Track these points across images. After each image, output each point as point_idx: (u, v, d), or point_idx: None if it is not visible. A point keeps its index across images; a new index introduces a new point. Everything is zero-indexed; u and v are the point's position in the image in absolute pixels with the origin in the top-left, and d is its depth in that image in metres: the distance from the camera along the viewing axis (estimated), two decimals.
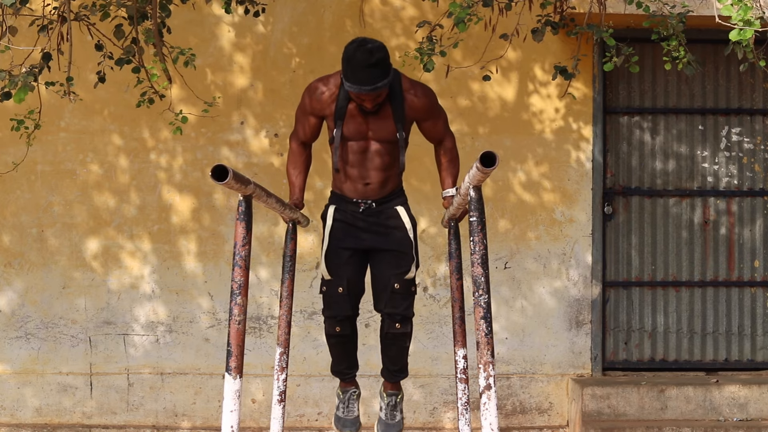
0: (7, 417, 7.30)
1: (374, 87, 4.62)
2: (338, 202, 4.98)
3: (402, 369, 5.15)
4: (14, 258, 7.30)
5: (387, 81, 4.65)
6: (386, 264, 4.92)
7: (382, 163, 4.89)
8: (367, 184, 4.91)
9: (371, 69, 4.59)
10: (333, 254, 4.91)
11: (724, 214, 7.55)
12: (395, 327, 4.94)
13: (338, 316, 4.93)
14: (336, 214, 4.96)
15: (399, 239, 4.92)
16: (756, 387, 7.10)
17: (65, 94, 5.83)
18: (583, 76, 7.32)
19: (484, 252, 3.69)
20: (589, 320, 7.40)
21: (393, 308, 4.92)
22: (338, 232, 4.93)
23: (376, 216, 4.93)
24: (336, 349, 5.06)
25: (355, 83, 4.62)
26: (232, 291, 3.84)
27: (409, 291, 4.93)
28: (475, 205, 3.69)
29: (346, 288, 4.90)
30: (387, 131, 4.84)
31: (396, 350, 5.06)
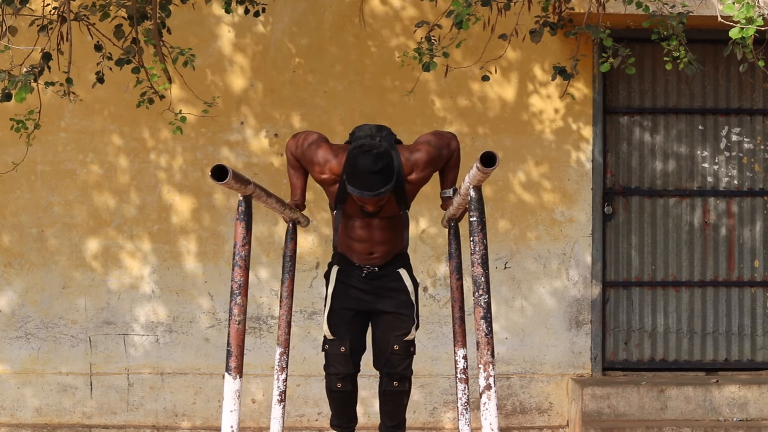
0: (7, 417, 7.30)
1: (377, 193, 4.61)
2: (341, 264, 5.02)
3: (399, 425, 5.19)
4: (14, 258, 7.30)
5: (390, 186, 4.64)
6: (386, 326, 4.98)
7: (386, 236, 4.95)
8: (371, 254, 4.97)
9: (374, 177, 4.58)
10: (335, 314, 4.97)
11: (724, 214, 7.55)
12: (393, 385, 5.02)
13: (340, 374, 4.98)
14: (339, 275, 5.01)
15: (400, 302, 4.98)
16: (756, 387, 7.10)
17: (65, 94, 5.83)
18: (583, 76, 7.32)
19: (484, 252, 3.69)
20: (589, 320, 7.40)
21: (391, 368, 4.99)
22: (341, 293, 4.99)
23: (379, 279, 5.00)
24: (337, 403, 5.10)
25: (358, 188, 4.61)
26: (232, 291, 3.84)
27: (408, 352, 5.00)
28: (475, 205, 3.69)
29: (348, 347, 4.96)
30: (390, 211, 4.88)
31: (393, 407, 5.11)
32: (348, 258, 5.00)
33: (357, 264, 4.98)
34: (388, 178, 4.63)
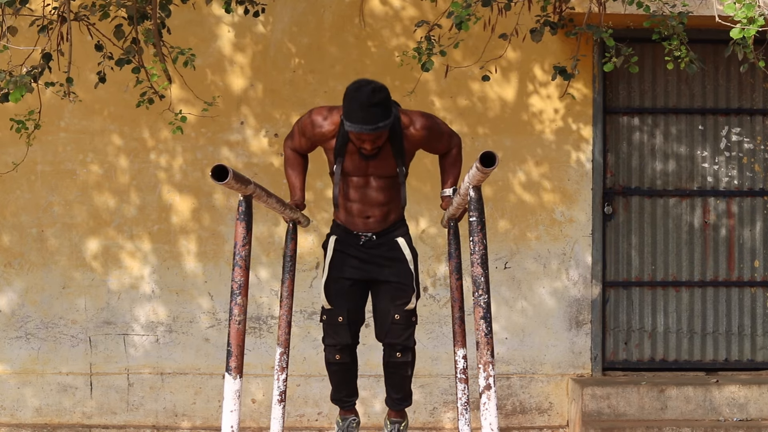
0: (7, 417, 7.30)
1: (375, 128, 4.60)
2: (339, 233, 4.99)
3: (405, 397, 5.16)
4: (14, 258, 7.30)
5: (388, 122, 4.63)
6: (386, 296, 4.94)
7: (383, 197, 4.91)
8: (368, 218, 4.93)
9: (372, 109, 4.58)
10: (333, 284, 4.94)
11: (724, 215, 7.55)
12: (396, 356, 4.97)
13: (338, 345, 4.95)
14: (337, 244, 4.98)
15: (399, 271, 4.94)
16: (756, 387, 7.10)
17: (65, 94, 5.83)
18: (583, 76, 7.32)
19: (483, 252, 3.69)
20: (589, 320, 7.40)
21: (393, 338, 4.94)
22: (339, 263, 4.95)
23: (377, 248, 4.95)
24: (336, 376, 5.09)
25: (355, 123, 4.60)
26: (232, 291, 3.84)
27: (409, 321, 4.96)
28: (475, 205, 3.69)
29: (346, 317, 4.92)
30: (387, 168, 4.85)
31: (398, 379, 5.08)
32: (346, 227, 4.96)
33: (355, 232, 4.94)
34: (386, 113, 4.62)
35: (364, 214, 4.92)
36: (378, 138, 4.69)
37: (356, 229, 4.95)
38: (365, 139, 4.67)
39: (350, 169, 4.85)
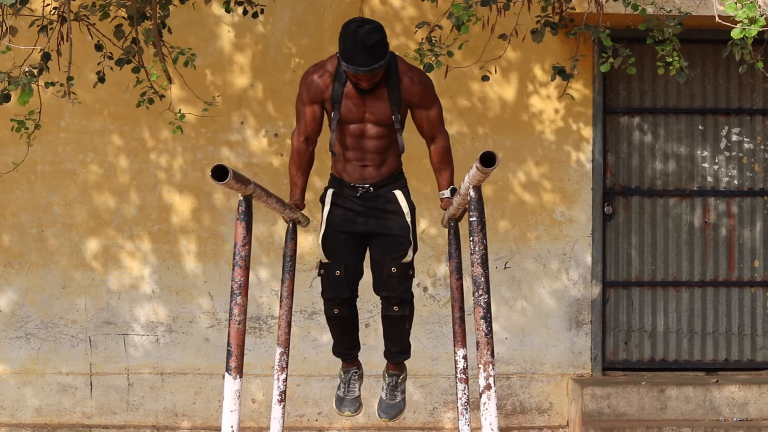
0: (7, 417, 7.30)
1: (371, 68, 4.61)
2: (336, 186, 4.99)
3: (403, 350, 5.17)
4: (14, 258, 7.30)
5: (384, 62, 4.64)
6: (383, 248, 4.93)
7: (379, 145, 4.89)
8: (364, 167, 4.92)
9: (369, 50, 4.58)
10: (331, 237, 4.93)
11: (724, 215, 7.55)
12: (393, 310, 4.96)
13: (336, 299, 4.96)
14: (334, 198, 4.97)
15: (397, 223, 4.93)
16: (756, 387, 7.10)
17: (65, 94, 5.83)
18: (583, 76, 7.32)
19: (484, 252, 3.69)
20: (589, 320, 7.40)
21: (390, 291, 4.93)
22: (336, 216, 4.95)
23: (374, 200, 4.94)
24: (336, 329, 5.10)
25: (352, 64, 4.61)
26: (232, 291, 3.84)
27: (406, 275, 4.94)
28: (475, 205, 3.69)
29: (343, 271, 4.92)
30: (383, 113, 4.84)
31: (396, 332, 5.08)
32: (342, 179, 4.96)
33: (351, 183, 4.93)
34: (383, 53, 4.62)
35: (361, 162, 4.91)
36: (374, 76, 4.70)
37: (353, 180, 4.93)
38: (361, 77, 4.68)
39: (347, 116, 4.84)
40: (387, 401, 5.24)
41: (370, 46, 4.59)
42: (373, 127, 4.86)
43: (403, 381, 5.26)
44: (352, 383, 5.26)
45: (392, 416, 5.24)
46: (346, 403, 5.24)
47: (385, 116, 4.84)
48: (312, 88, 4.86)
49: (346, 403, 5.23)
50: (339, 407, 5.26)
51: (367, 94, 4.80)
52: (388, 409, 5.23)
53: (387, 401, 5.24)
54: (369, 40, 4.59)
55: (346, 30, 4.66)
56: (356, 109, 4.83)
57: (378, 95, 4.81)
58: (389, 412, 5.23)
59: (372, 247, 4.99)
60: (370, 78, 4.69)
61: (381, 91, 4.80)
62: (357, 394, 5.25)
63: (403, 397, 5.26)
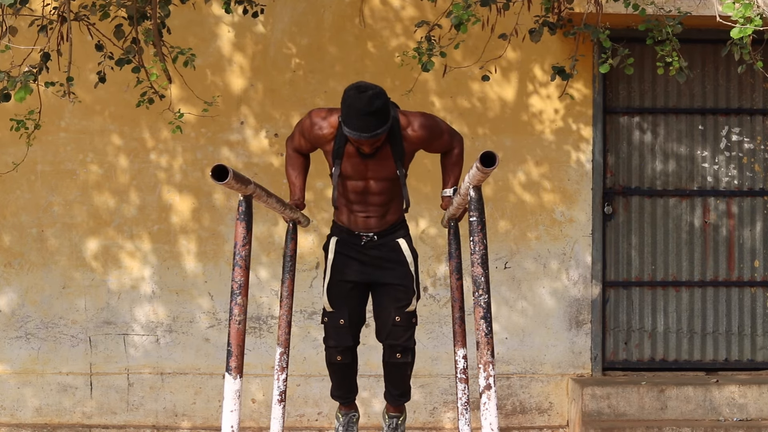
0: (7, 417, 7.30)
1: (373, 134, 4.60)
2: (340, 234, 5.00)
3: (404, 393, 5.19)
4: (14, 258, 7.30)
5: (386, 127, 4.63)
6: (387, 297, 4.96)
7: (383, 199, 4.92)
8: (368, 217, 4.94)
9: (370, 116, 4.58)
10: (335, 287, 4.95)
11: (724, 215, 7.55)
12: (396, 357, 5.00)
13: (340, 346, 4.98)
14: (338, 246, 4.98)
15: (400, 273, 4.96)
16: (756, 387, 7.10)
17: (65, 94, 5.83)
18: (582, 76, 7.32)
19: (484, 252, 3.69)
20: (589, 320, 7.40)
21: (394, 340, 4.97)
22: (340, 265, 4.96)
23: (378, 249, 4.96)
24: (337, 375, 5.12)
25: (353, 130, 4.60)
26: (232, 291, 3.84)
27: (410, 323, 4.98)
28: (475, 205, 3.69)
29: (347, 320, 4.94)
30: (386, 171, 4.85)
31: (398, 377, 5.11)
32: (346, 227, 4.97)
33: (356, 232, 4.95)
34: (384, 118, 4.62)
35: (364, 214, 4.93)
36: (376, 141, 4.70)
37: (357, 229, 4.96)
38: (363, 143, 4.68)
39: (349, 172, 4.85)
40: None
41: (371, 113, 4.58)
42: (377, 184, 4.87)
43: (403, 422, 5.27)
44: (351, 426, 5.28)
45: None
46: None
47: (390, 173, 4.85)
48: (315, 134, 4.86)
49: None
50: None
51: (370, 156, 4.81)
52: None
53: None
54: (371, 107, 4.58)
55: (348, 96, 4.64)
56: (358, 167, 4.83)
57: (381, 154, 4.81)
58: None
59: (375, 295, 5.01)
60: (372, 143, 4.69)
61: (384, 150, 4.80)
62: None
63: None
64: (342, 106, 4.66)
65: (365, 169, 4.83)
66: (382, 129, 4.61)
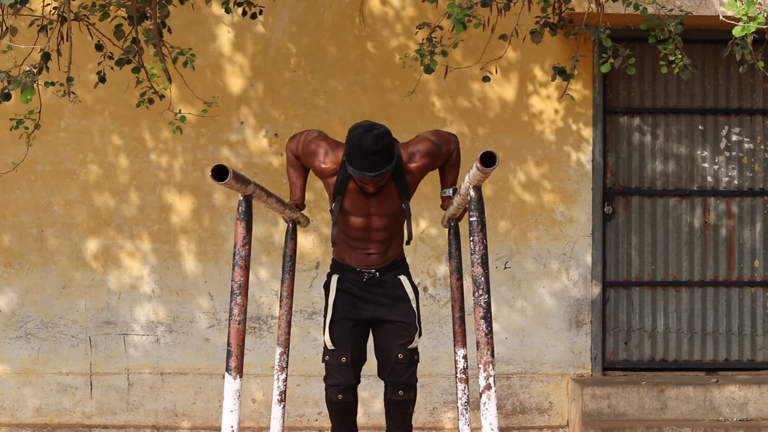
0: (7, 417, 7.30)
1: (378, 173, 4.61)
2: (341, 272, 4.98)
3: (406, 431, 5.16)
4: (14, 258, 7.30)
5: (390, 167, 4.64)
6: (390, 335, 4.95)
7: (385, 235, 4.92)
8: (369, 254, 4.94)
9: (376, 156, 4.59)
10: (337, 325, 4.92)
11: (724, 215, 7.55)
12: (398, 394, 4.97)
13: (341, 385, 4.93)
14: (339, 284, 4.97)
15: (402, 310, 4.95)
16: (756, 387, 7.10)
17: (65, 94, 5.83)
18: (582, 76, 7.32)
19: (484, 252, 3.69)
20: (589, 320, 7.40)
21: (396, 377, 4.95)
22: (342, 302, 4.94)
23: (380, 286, 4.95)
24: (337, 415, 5.05)
25: (358, 170, 4.61)
26: (232, 291, 3.84)
27: (412, 360, 4.97)
28: (475, 205, 3.69)
29: (349, 358, 4.91)
30: (391, 207, 4.85)
31: (400, 415, 5.08)
32: (346, 264, 4.96)
33: (356, 269, 4.94)
34: (389, 158, 4.62)
35: (365, 251, 4.93)
36: (381, 180, 4.71)
37: (358, 266, 4.94)
38: (368, 182, 4.69)
39: (350, 209, 4.85)
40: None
41: (377, 152, 4.59)
42: (380, 220, 4.87)
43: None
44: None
45: None
46: None
47: (394, 208, 4.85)
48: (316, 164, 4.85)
49: None
50: None
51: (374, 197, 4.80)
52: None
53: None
54: (376, 146, 4.59)
55: (353, 135, 4.64)
56: (360, 203, 4.83)
57: (385, 191, 4.81)
58: None
59: (377, 332, 4.99)
60: (377, 182, 4.70)
61: (388, 187, 4.80)
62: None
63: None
64: (347, 146, 4.66)
65: (368, 205, 4.83)
66: (387, 168, 4.62)
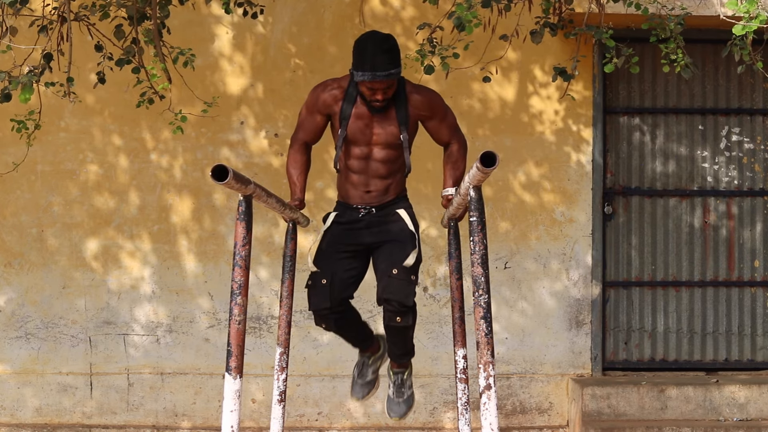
0: (7, 417, 7.30)
1: (389, 73, 4.65)
2: (340, 209, 4.99)
3: (407, 352, 5.12)
4: (14, 258, 7.30)
5: (399, 70, 4.69)
6: (385, 253, 4.90)
7: (385, 170, 4.91)
8: (368, 192, 4.92)
9: (385, 55, 4.64)
10: (325, 249, 4.92)
11: (724, 215, 7.55)
12: (396, 321, 4.86)
13: (320, 309, 4.88)
14: (336, 217, 4.98)
15: (397, 231, 4.91)
16: (756, 387, 7.10)
17: (65, 94, 5.83)
18: (582, 76, 7.32)
19: (484, 252, 3.69)
20: (589, 320, 7.40)
21: (390, 294, 4.79)
22: (335, 230, 4.94)
23: (377, 221, 4.94)
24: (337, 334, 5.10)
25: (368, 71, 4.64)
26: (232, 291, 3.84)
27: (408, 279, 4.84)
28: (475, 205, 3.69)
29: (329, 280, 4.85)
30: (391, 134, 4.84)
31: (400, 340, 5.03)
32: (346, 203, 4.96)
33: (354, 205, 4.93)
34: (396, 60, 4.68)
35: (366, 187, 4.91)
36: (389, 87, 4.72)
37: (356, 203, 4.93)
38: (377, 88, 4.71)
39: (354, 136, 4.85)
40: (396, 399, 5.19)
41: (387, 50, 4.65)
42: (381, 150, 4.87)
43: (409, 376, 5.21)
44: (365, 368, 5.25)
45: (402, 413, 5.20)
46: (356, 388, 5.24)
47: (394, 137, 4.85)
48: (321, 99, 4.89)
49: (356, 389, 5.24)
50: (352, 393, 5.29)
51: (378, 113, 4.80)
52: (397, 407, 5.19)
53: (396, 399, 5.19)
54: (386, 45, 4.66)
55: (360, 40, 4.73)
56: (365, 129, 4.84)
57: (386, 115, 4.83)
58: (399, 410, 5.19)
59: (374, 257, 4.96)
60: (386, 87, 4.71)
61: (390, 112, 4.83)
62: (369, 378, 5.20)
63: (411, 392, 5.23)
64: (354, 54, 4.72)
65: (370, 133, 4.84)
66: (395, 69, 4.66)
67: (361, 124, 4.83)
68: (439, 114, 4.92)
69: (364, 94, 4.75)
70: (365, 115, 4.82)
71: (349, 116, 4.82)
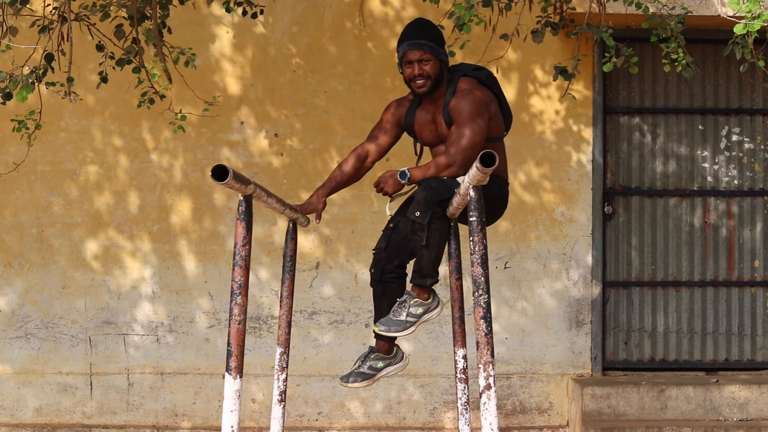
0: (7, 417, 7.30)
1: (417, 43, 4.77)
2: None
3: (420, 271, 4.83)
4: (14, 258, 7.30)
5: (433, 46, 4.79)
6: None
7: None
8: None
9: (419, 29, 4.82)
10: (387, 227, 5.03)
11: (724, 215, 7.55)
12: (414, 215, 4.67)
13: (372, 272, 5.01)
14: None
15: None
16: (756, 387, 7.10)
17: (66, 94, 5.83)
18: (583, 76, 7.32)
19: (483, 252, 3.69)
20: (589, 320, 7.40)
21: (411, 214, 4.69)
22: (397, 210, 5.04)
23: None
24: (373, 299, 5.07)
25: (405, 40, 4.82)
26: (232, 291, 3.85)
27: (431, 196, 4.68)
28: (475, 205, 3.69)
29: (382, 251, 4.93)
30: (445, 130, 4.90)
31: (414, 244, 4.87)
32: None
33: None
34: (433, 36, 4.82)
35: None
36: (424, 63, 4.79)
37: None
38: (412, 59, 4.80)
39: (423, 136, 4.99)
40: (389, 316, 4.86)
41: (422, 25, 4.85)
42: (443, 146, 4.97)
43: (416, 305, 4.84)
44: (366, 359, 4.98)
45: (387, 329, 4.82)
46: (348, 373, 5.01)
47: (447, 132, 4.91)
48: (391, 108, 5.08)
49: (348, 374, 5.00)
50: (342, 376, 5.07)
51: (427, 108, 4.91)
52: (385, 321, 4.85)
53: (389, 316, 4.86)
54: (422, 21, 4.88)
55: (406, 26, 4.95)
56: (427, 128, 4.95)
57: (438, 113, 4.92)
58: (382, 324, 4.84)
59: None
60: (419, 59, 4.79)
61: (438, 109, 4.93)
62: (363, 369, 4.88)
63: (408, 321, 4.84)
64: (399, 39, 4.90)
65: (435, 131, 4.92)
66: (425, 41, 4.78)
67: (423, 123, 4.95)
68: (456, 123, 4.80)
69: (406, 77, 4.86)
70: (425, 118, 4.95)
71: (413, 122, 4.99)
